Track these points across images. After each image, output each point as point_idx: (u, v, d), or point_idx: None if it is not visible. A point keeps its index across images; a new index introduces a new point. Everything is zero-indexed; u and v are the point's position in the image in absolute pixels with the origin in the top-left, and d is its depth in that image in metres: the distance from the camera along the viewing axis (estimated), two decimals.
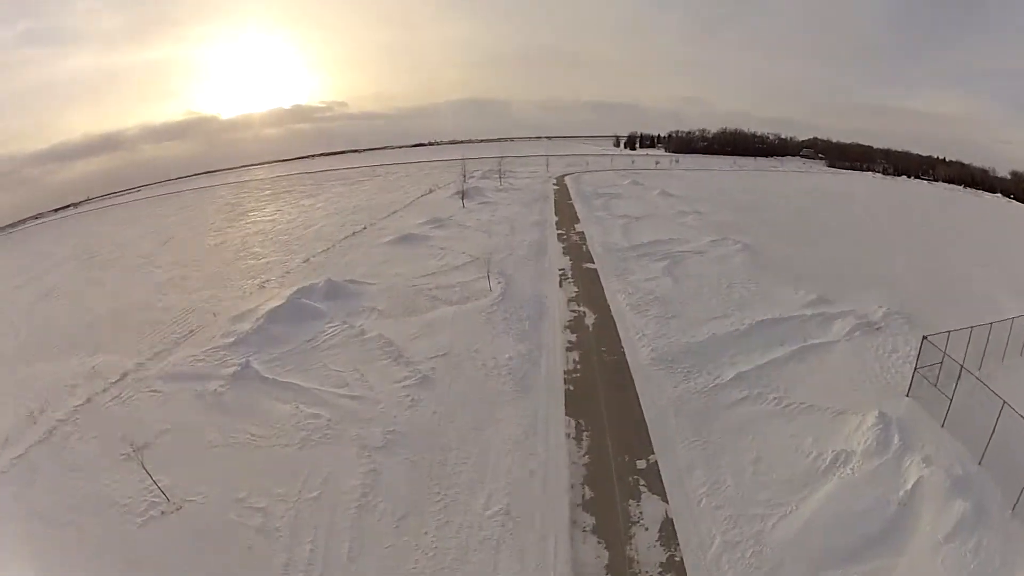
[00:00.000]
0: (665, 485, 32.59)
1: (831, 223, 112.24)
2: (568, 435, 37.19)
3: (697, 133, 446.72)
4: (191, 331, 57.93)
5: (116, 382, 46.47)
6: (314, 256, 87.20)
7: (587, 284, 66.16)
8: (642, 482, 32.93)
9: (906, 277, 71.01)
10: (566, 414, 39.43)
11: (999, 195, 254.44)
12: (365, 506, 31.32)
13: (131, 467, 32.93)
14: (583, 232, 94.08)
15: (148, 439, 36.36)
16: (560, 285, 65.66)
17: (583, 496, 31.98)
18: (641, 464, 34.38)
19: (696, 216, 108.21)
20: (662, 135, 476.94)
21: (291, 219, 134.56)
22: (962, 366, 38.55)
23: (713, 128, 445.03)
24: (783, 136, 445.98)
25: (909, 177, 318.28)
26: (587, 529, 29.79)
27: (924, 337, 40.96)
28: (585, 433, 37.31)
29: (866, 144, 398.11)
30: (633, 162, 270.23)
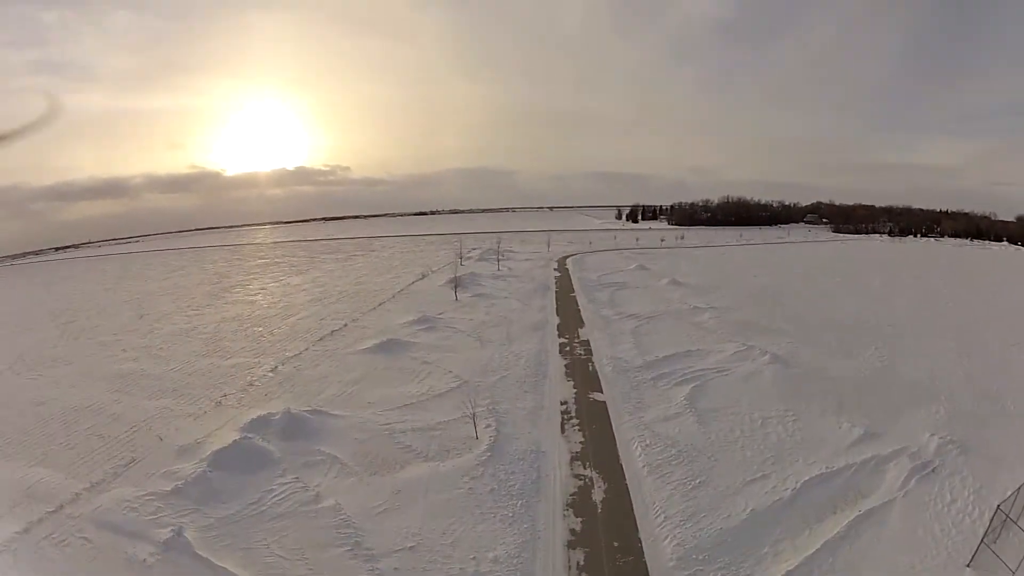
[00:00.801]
0: None
1: (854, 309, 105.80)
2: None
3: (700, 204, 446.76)
4: (133, 459, 50.68)
5: (52, 512, 41.90)
6: (283, 364, 77.77)
7: (595, 428, 54.59)
8: None
9: (948, 378, 65.91)
10: None
11: (1005, 243, 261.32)
12: None
13: None
14: (588, 341, 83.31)
15: None
16: (562, 430, 54.01)
17: None
18: None
19: (713, 314, 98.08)
20: (665, 206, 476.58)
21: (272, 302, 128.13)
22: None
23: (716, 198, 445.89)
24: (787, 203, 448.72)
25: (915, 235, 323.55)
26: None
27: (998, 506, 36.34)
28: None
29: (868, 204, 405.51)
30: (637, 240, 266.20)
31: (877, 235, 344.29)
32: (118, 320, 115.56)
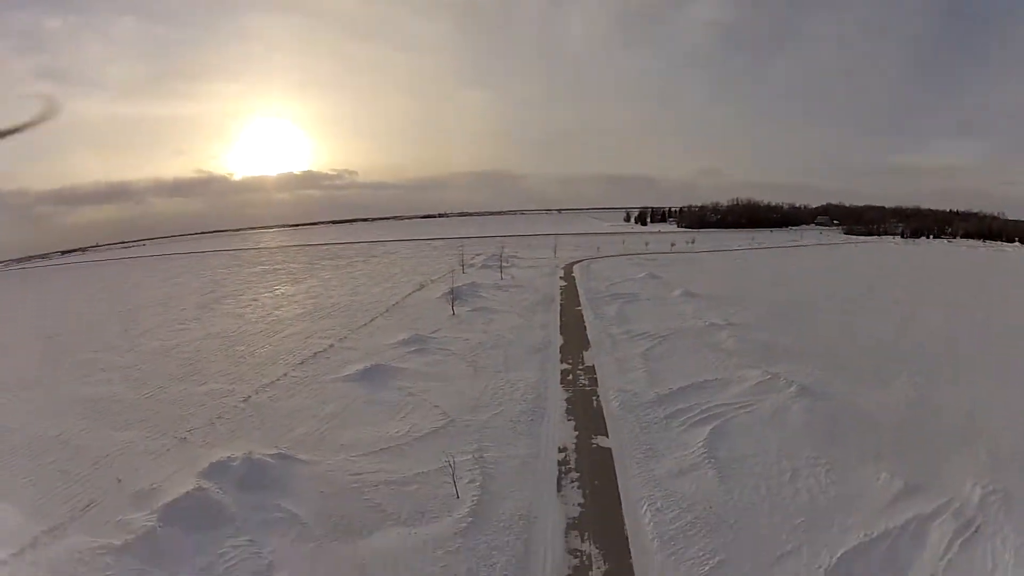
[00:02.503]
0: None
1: (882, 326, 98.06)
2: None
3: (710, 206, 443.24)
4: (91, 502, 46.66)
5: (15, 555, 38.67)
6: (257, 392, 71.49)
7: (597, 484, 46.77)
8: None
9: (988, 412, 58.50)
10: None
11: (1018, 244, 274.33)
12: None
13: None
14: (594, 367, 75.39)
15: None
16: (559, 488, 46.27)
17: None
18: None
19: (731, 332, 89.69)
20: (674, 209, 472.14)
21: (261, 316, 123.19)
22: None
23: (725, 200, 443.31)
24: (797, 205, 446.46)
25: (928, 237, 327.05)
26: None
27: None
28: None
29: (878, 205, 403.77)
30: (647, 244, 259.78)
31: (890, 236, 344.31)
32: (102, 336, 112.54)
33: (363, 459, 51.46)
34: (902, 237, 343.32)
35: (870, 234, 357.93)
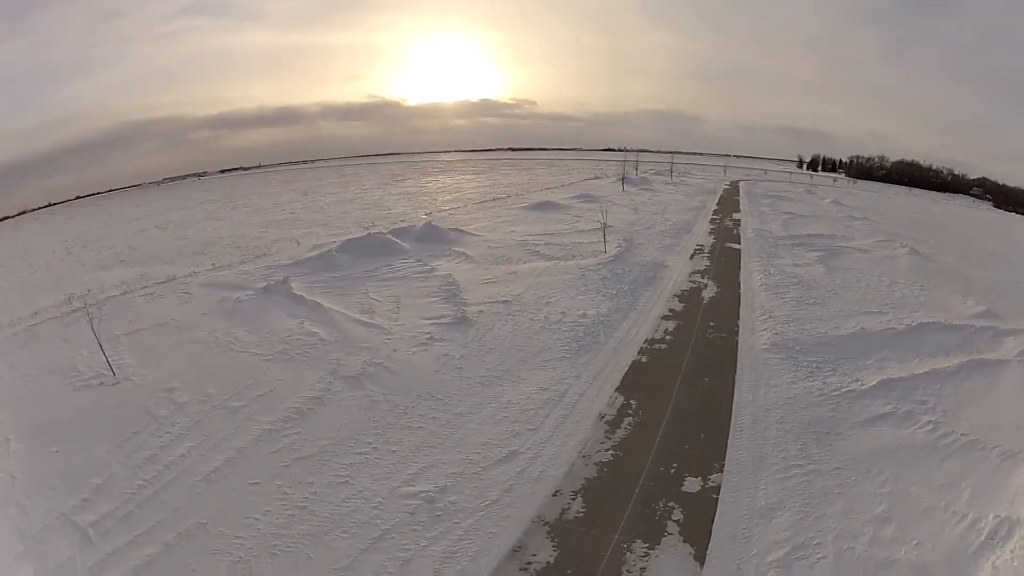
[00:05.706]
0: (715, 531, 20.02)
1: (1001, 251, 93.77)
2: (601, 417, 26.35)
3: (876, 161, 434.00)
4: (264, 254, 57.71)
5: (160, 283, 46.75)
6: (439, 211, 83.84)
7: (723, 260, 55.95)
8: (679, 516, 20.60)
9: None
10: (616, 389, 28.90)
11: None
12: (269, 436, 24.35)
13: (113, 346, 32.50)
14: (739, 220, 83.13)
15: (148, 325, 36.52)
16: (691, 258, 56.04)
17: (563, 512, 20.58)
18: (692, 485, 22.26)
19: (865, 222, 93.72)
20: (843, 160, 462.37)
21: (441, 187, 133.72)
22: None
23: (892, 158, 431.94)
24: (956, 172, 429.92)
25: None
26: None
27: None
28: (629, 419, 26.44)
29: None
30: (811, 178, 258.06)
31: None
32: (280, 198, 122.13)
33: (530, 236, 62.17)
34: None
35: (1017, 212, 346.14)
